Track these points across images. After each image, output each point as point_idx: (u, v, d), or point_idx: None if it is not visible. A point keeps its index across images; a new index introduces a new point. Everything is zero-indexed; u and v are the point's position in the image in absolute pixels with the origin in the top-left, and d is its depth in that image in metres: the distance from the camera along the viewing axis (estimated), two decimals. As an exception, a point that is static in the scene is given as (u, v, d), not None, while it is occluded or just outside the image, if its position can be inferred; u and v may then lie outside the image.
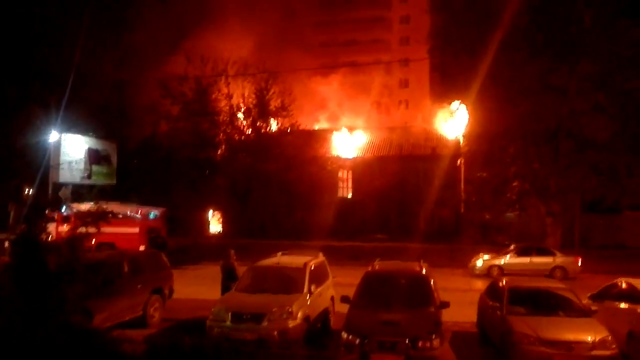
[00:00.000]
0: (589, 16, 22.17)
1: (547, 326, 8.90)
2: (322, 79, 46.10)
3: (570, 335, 8.67)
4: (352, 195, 36.99)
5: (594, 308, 9.82)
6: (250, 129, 35.35)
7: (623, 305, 10.14)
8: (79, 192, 32.26)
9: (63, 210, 20.20)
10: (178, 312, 12.99)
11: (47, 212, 10.98)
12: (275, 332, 9.53)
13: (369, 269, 10.89)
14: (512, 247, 22.27)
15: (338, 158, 36.15)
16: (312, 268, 11.33)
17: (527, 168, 24.72)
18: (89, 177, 33.05)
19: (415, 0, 50.49)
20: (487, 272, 20.81)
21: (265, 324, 9.62)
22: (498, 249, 23.01)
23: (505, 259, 21.14)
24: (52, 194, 27.11)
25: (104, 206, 10.27)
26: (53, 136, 30.20)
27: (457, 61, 25.29)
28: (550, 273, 20.01)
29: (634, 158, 23.53)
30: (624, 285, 10.58)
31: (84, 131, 32.82)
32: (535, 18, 22.94)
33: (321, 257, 12.49)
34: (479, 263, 21.49)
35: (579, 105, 22.40)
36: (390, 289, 10.07)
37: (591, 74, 22.36)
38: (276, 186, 32.91)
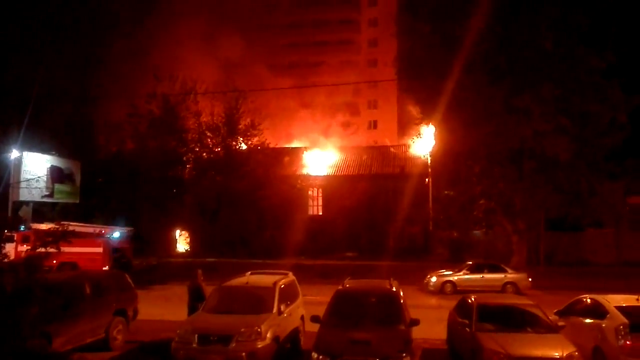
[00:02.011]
0: (550, 42, 23.00)
1: (515, 342, 8.95)
2: (292, 99, 46.28)
3: (539, 352, 8.74)
4: (323, 214, 36.94)
5: (560, 324, 9.95)
6: (220, 147, 35.03)
7: (588, 320, 10.32)
8: (41, 211, 31.33)
9: (22, 229, 19.51)
10: (143, 334, 12.57)
11: (4, 231, 10.52)
12: (244, 354, 9.27)
13: (340, 287, 10.78)
14: (466, 264, 22.57)
15: (308, 176, 36.13)
16: (282, 287, 11.16)
17: (492, 187, 25.23)
18: (51, 195, 32.20)
19: (383, 24, 51.53)
20: (441, 288, 21.03)
21: (233, 345, 9.34)
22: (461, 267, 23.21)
23: (459, 276, 21.42)
24: (11, 213, 26.18)
25: (66, 225, 9.91)
26: (14, 154, 29.37)
27: (423, 83, 25.78)
28: (502, 289, 20.42)
29: (595, 178, 24.35)
30: (588, 301, 10.80)
31: (47, 149, 32.05)
32: (497, 42, 23.69)
33: (291, 277, 12.31)
34: (433, 279, 21.69)
35: (542, 126, 23.09)
36: (360, 308, 9.98)
37: (552, 97, 23.13)
38: (245, 204, 32.56)
